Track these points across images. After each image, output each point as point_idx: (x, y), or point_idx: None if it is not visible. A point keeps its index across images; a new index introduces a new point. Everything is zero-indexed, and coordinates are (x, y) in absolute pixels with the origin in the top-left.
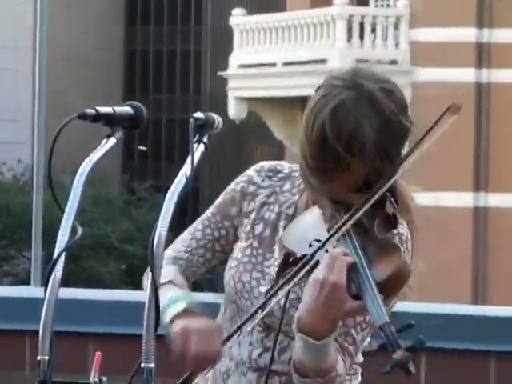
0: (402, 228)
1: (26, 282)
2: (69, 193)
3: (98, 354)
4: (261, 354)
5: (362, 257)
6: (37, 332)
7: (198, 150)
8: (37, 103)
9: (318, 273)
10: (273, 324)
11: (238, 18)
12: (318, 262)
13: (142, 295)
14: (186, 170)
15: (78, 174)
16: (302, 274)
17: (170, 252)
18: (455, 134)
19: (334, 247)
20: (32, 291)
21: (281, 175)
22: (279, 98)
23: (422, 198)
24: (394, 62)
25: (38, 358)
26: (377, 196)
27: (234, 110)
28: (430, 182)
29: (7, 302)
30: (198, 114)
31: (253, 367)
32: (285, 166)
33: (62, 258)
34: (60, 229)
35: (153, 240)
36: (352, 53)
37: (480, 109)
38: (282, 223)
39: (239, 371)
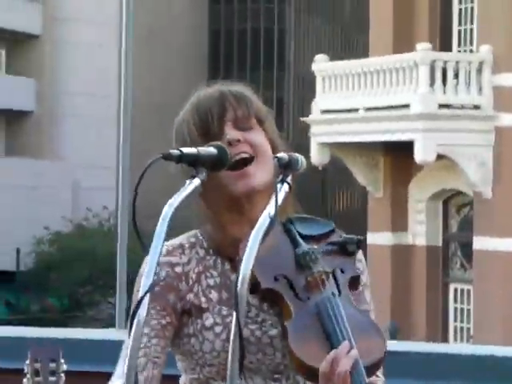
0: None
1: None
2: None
3: None
4: None
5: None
6: None
7: (282, 189)
8: (121, 149)
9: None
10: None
11: (321, 64)
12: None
13: None
14: (270, 209)
15: (161, 218)
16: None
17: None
18: None
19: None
20: (116, 334)
21: (186, 246)
22: (362, 144)
23: (508, 244)
24: (477, 107)
25: None
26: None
27: (317, 156)
28: None
29: (92, 345)
30: (282, 154)
31: None
32: (181, 239)
33: (146, 300)
34: (144, 271)
35: (236, 281)
36: (435, 98)
37: None
38: (232, 278)
39: None
